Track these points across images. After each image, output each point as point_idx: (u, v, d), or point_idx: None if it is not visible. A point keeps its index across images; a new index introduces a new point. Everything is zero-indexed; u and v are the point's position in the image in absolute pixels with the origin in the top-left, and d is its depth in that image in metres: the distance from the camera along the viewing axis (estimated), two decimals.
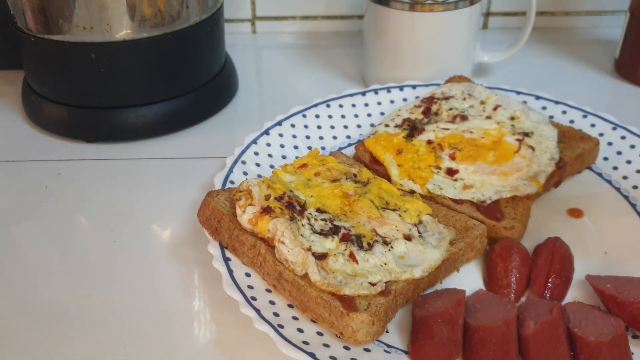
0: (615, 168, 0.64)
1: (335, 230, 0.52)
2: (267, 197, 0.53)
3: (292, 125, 0.69)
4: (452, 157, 0.61)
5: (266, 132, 0.67)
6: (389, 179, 0.61)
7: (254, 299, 0.48)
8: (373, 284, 0.48)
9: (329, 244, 0.51)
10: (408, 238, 0.52)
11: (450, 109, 0.68)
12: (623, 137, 0.66)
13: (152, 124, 0.72)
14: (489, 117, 0.66)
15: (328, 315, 0.46)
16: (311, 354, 0.44)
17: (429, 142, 0.64)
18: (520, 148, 0.61)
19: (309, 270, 0.48)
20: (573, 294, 0.52)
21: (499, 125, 0.64)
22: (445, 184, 0.60)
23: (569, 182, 0.64)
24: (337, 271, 0.49)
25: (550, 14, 0.98)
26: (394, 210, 0.55)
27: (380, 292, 0.48)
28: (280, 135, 0.68)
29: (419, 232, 0.54)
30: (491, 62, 0.83)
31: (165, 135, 0.74)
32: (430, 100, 0.70)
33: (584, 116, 0.69)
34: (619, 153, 0.65)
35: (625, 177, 0.63)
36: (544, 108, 0.71)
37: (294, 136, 0.69)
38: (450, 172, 0.61)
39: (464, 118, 0.66)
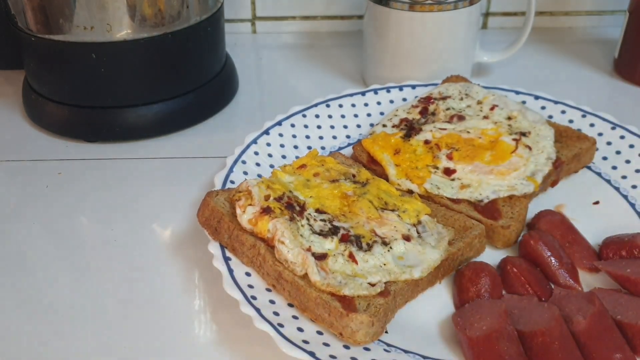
0: (614, 167, 0.64)
1: (334, 230, 0.52)
2: (267, 198, 0.53)
3: (292, 125, 0.70)
4: (450, 157, 0.62)
5: (266, 132, 0.68)
6: (386, 178, 0.61)
7: (254, 298, 0.48)
8: (372, 285, 0.48)
9: (329, 245, 0.51)
10: (407, 238, 0.52)
11: (448, 109, 0.68)
12: (622, 137, 0.66)
13: (153, 124, 0.72)
14: (486, 117, 0.66)
15: (327, 315, 0.46)
16: (311, 353, 0.44)
17: (426, 142, 0.64)
18: (517, 148, 0.62)
19: (308, 270, 0.48)
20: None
21: (495, 125, 0.64)
22: (443, 184, 0.60)
23: (569, 181, 0.64)
24: (337, 271, 0.49)
25: (550, 14, 0.98)
26: (392, 210, 0.55)
27: (379, 292, 0.48)
28: (280, 135, 0.68)
29: (417, 233, 0.54)
30: (491, 61, 0.84)
31: (166, 135, 0.74)
32: (427, 100, 0.70)
33: (583, 116, 0.69)
34: (618, 152, 0.66)
35: (624, 177, 0.63)
36: (543, 108, 0.71)
37: (294, 136, 0.69)
38: (448, 172, 0.61)
39: (461, 118, 0.66)
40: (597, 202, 0.61)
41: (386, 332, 0.49)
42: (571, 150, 0.63)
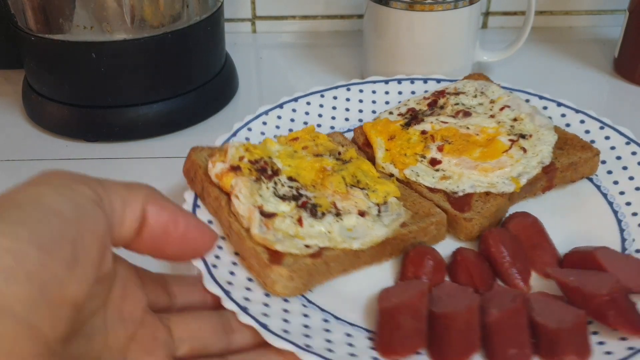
0: (615, 182, 0.61)
1: (297, 197, 0.55)
2: (241, 158, 0.57)
3: (308, 103, 0.71)
4: (440, 149, 0.62)
5: (280, 106, 0.69)
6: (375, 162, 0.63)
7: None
8: (308, 247, 0.51)
9: (284, 207, 0.53)
10: (362, 214, 0.54)
11: (457, 104, 0.68)
12: (634, 153, 0.63)
13: (153, 123, 0.72)
14: (492, 116, 0.65)
15: (256, 265, 0.50)
16: (227, 292, 0.46)
17: (423, 132, 0.64)
18: (511, 148, 0.61)
19: (252, 223, 0.51)
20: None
21: (498, 125, 0.64)
22: (425, 172, 0.61)
23: (564, 190, 0.62)
24: (280, 230, 0.51)
25: (550, 13, 0.98)
26: (362, 189, 0.57)
27: (310, 254, 0.50)
28: (294, 110, 0.70)
29: (379, 211, 0.55)
30: (490, 61, 0.84)
31: (166, 134, 0.74)
32: (440, 93, 0.70)
33: (601, 128, 0.66)
34: (624, 168, 0.62)
35: (622, 193, 0.60)
36: (563, 115, 0.68)
37: (307, 113, 0.71)
38: (433, 162, 0.61)
39: (467, 114, 0.66)
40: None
41: (310, 290, 0.51)
42: (569, 159, 0.61)
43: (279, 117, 0.69)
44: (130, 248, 0.39)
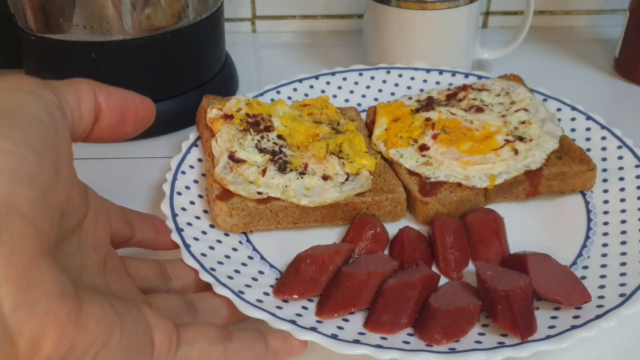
0: (605, 202, 0.59)
1: (276, 153, 0.59)
2: (238, 110, 0.63)
3: (344, 79, 0.76)
4: (434, 137, 0.63)
5: (316, 77, 0.75)
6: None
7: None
8: (260, 194, 0.55)
9: (257, 158, 0.58)
10: (325, 178, 0.57)
11: (475, 99, 0.67)
12: (638, 177, 0.60)
13: (153, 123, 0.72)
14: (503, 116, 0.65)
15: (211, 199, 0.55)
16: (179, 229, 0.52)
17: (428, 119, 0.65)
18: (502, 147, 0.60)
19: (218, 164, 0.57)
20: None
21: (503, 124, 0.64)
22: (409, 155, 0.62)
23: (551, 200, 0.61)
24: (243, 175, 0.56)
25: (550, 13, 0.98)
26: (340, 158, 0.59)
27: (257, 199, 0.54)
28: (328, 83, 0.75)
29: (346, 180, 0.58)
30: (490, 59, 0.84)
31: (166, 134, 0.74)
32: (462, 87, 0.70)
33: (619, 147, 0.63)
34: (621, 190, 0.59)
35: (605, 212, 0.58)
36: (588, 129, 0.66)
37: (339, 87, 0.75)
38: (423, 148, 0.62)
39: (479, 110, 0.65)
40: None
41: (251, 231, 0.56)
42: (560, 168, 0.59)
43: (311, 87, 0.74)
44: (89, 140, 0.40)
